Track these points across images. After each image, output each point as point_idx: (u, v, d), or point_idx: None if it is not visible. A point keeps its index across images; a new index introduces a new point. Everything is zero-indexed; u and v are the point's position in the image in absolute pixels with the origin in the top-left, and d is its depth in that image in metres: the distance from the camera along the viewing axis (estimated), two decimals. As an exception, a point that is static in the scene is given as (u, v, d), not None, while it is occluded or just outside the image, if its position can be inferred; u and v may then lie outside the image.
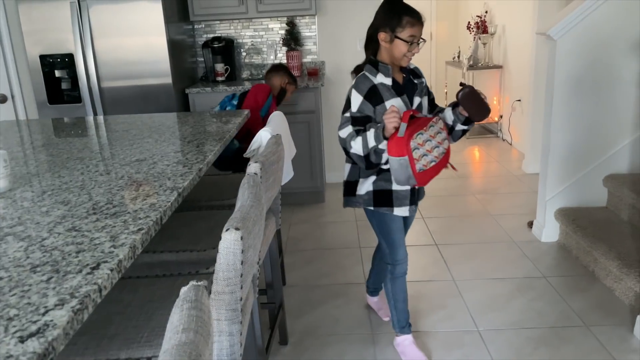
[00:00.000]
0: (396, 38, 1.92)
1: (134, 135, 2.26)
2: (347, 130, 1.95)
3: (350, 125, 1.96)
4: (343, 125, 1.98)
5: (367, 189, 2.07)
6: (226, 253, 1.17)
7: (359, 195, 2.10)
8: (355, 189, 2.11)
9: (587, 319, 2.45)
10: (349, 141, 1.94)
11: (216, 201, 2.28)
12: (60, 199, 1.44)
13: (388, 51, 1.96)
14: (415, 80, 2.06)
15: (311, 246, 3.38)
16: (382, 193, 2.06)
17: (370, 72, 1.99)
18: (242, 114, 2.66)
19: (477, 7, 6.27)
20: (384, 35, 1.94)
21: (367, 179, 2.07)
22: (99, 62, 3.60)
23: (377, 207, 2.08)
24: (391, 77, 1.99)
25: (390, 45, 1.94)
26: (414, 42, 1.93)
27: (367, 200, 2.08)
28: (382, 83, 1.97)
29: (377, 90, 1.96)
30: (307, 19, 4.26)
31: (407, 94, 2.02)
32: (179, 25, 3.91)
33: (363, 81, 1.97)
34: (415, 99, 2.05)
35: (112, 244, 1.11)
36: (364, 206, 2.11)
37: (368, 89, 1.95)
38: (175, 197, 1.42)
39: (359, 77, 2.00)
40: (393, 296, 2.23)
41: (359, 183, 2.09)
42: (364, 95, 1.95)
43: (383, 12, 1.97)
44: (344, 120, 1.98)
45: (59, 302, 0.90)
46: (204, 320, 0.81)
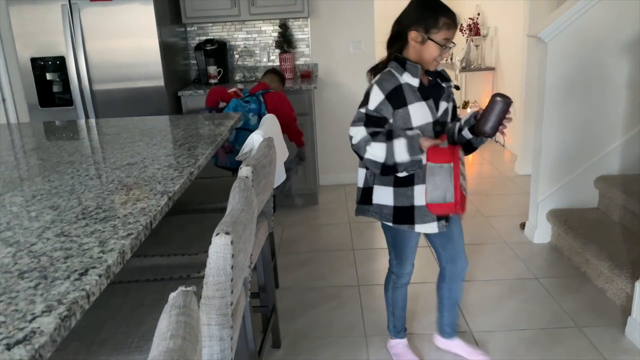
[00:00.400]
0: (429, 40, 1.75)
1: (125, 138, 2.25)
2: (360, 132, 1.79)
3: (363, 125, 1.79)
4: (356, 122, 1.81)
5: (387, 203, 1.90)
6: (216, 257, 1.16)
7: (376, 205, 1.92)
8: (371, 197, 1.94)
9: (579, 320, 2.46)
10: (363, 146, 1.78)
11: (208, 204, 2.28)
12: (49, 203, 1.43)
13: (417, 52, 1.79)
14: (443, 83, 1.89)
15: (305, 249, 3.38)
16: (404, 210, 1.88)
17: (396, 70, 1.80)
18: (234, 117, 2.66)
19: (469, 9, 6.29)
20: (415, 34, 1.77)
21: (385, 188, 1.89)
22: (91, 64, 3.58)
23: (397, 225, 1.92)
24: (419, 78, 1.80)
25: (421, 47, 1.77)
26: (447, 45, 1.77)
27: (387, 216, 1.92)
28: (408, 83, 1.80)
29: (401, 91, 1.78)
30: (300, 22, 4.27)
31: (433, 97, 1.84)
32: (172, 28, 3.90)
33: (389, 78, 1.79)
34: (441, 104, 1.87)
35: (101, 250, 1.11)
36: (382, 220, 1.95)
37: (392, 89, 1.78)
38: (165, 201, 1.41)
39: (384, 73, 1.81)
40: (393, 303, 2.19)
41: (374, 190, 1.93)
42: (387, 94, 1.78)
43: (417, 9, 1.79)
44: (358, 117, 1.81)
45: (46, 308, 0.89)
46: (192, 326, 0.81)
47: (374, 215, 1.95)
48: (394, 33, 1.86)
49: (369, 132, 1.78)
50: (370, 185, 1.94)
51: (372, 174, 1.92)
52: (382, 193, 1.91)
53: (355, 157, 1.87)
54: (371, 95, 1.80)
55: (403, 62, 1.80)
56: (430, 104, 1.83)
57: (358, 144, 1.80)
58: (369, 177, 1.94)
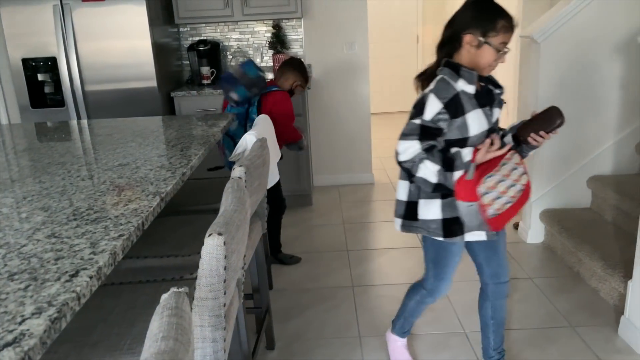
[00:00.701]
0: (486, 44, 1.65)
1: (117, 139, 2.24)
2: (413, 146, 1.67)
3: (418, 138, 1.67)
4: (408, 136, 1.68)
5: (435, 217, 1.78)
6: (209, 259, 1.16)
7: (423, 220, 1.81)
8: (417, 212, 1.82)
9: (572, 320, 2.46)
10: (416, 164, 1.66)
11: (201, 205, 2.27)
12: (40, 204, 1.42)
13: (472, 57, 1.69)
14: (497, 90, 1.79)
15: (299, 250, 3.37)
16: (453, 221, 1.78)
17: (450, 77, 1.69)
18: (227, 117, 2.65)
19: (462, 10, 6.31)
20: (470, 38, 1.67)
21: (431, 201, 1.78)
22: (83, 65, 3.56)
23: (448, 239, 1.80)
24: (475, 85, 1.70)
25: (476, 51, 1.68)
26: (504, 50, 1.67)
27: (435, 230, 1.79)
28: (463, 91, 1.69)
29: (459, 100, 1.68)
30: (294, 22, 4.26)
31: (487, 104, 1.75)
32: (164, 28, 3.88)
33: (445, 87, 1.68)
34: (494, 111, 1.78)
35: (92, 251, 1.10)
36: (432, 236, 1.82)
37: (450, 98, 1.67)
38: (157, 202, 1.40)
39: (439, 82, 1.70)
40: (410, 313, 2.11)
41: (420, 205, 1.81)
42: (445, 103, 1.66)
43: (474, 12, 1.69)
44: (412, 129, 1.68)
45: (36, 310, 0.88)
46: (184, 328, 0.80)
47: (421, 231, 1.84)
48: (445, 36, 1.75)
49: (424, 147, 1.67)
50: (415, 199, 1.82)
51: (416, 187, 1.81)
52: (428, 207, 1.79)
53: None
54: (427, 104, 1.67)
55: (457, 68, 1.69)
56: (486, 111, 1.74)
57: (410, 161, 1.68)
58: (413, 190, 1.83)
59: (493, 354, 2.06)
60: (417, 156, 1.67)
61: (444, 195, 1.75)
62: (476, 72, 1.70)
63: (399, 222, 1.90)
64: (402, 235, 3.51)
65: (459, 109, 1.68)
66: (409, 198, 1.85)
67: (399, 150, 1.71)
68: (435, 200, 1.77)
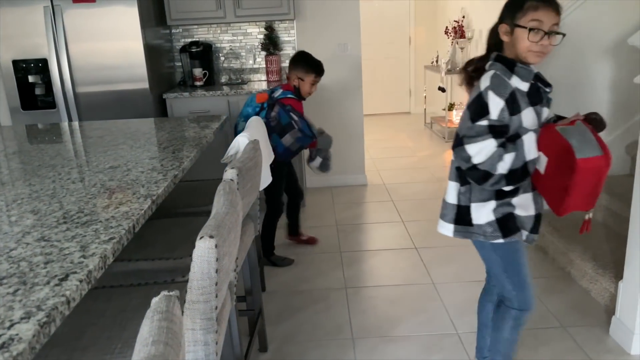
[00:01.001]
0: (516, 27, 1.57)
1: (108, 141, 2.23)
2: (487, 147, 1.58)
3: (492, 137, 1.57)
4: (476, 138, 1.59)
5: (488, 219, 1.69)
6: (200, 261, 1.15)
7: (479, 225, 1.71)
8: (470, 217, 1.72)
9: (564, 320, 2.48)
10: (496, 163, 1.57)
11: (193, 207, 2.26)
12: (29, 208, 1.41)
13: (511, 47, 1.63)
14: (547, 88, 1.69)
15: (291, 251, 3.36)
16: (507, 218, 1.69)
17: (503, 73, 1.61)
18: (219, 119, 2.64)
19: (454, 12, 6.34)
20: (504, 27, 1.62)
21: (484, 204, 1.69)
22: (74, 67, 3.54)
23: (508, 237, 1.70)
24: (530, 82, 1.62)
25: (510, 38, 1.61)
26: (540, 29, 1.55)
27: (493, 233, 1.70)
28: (517, 88, 1.61)
29: (515, 97, 1.60)
30: (286, 24, 4.26)
31: (537, 103, 1.66)
32: (156, 30, 3.87)
33: (502, 83, 1.60)
34: (543, 110, 1.69)
35: (82, 254, 1.09)
36: (490, 240, 1.72)
37: (509, 94, 1.59)
38: (149, 204, 1.39)
39: (494, 78, 1.61)
40: (507, 344, 1.90)
41: (472, 210, 1.71)
42: (505, 99, 1.58)
43: (506, 3, 1.65)
44: (478, 131, 1.58)
45: (25, 315, 0.87)
46: (174, 332, 0.80)
47: (478, 237, 1.74)
48: (491, 32, 1.71)
49: (499, 143, 1.58)
50: (465, 203, 1.73)
51: (467, 190, 1.72)
52: (481, 211, 1.71)
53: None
54: (490, 103, 1.58)
55: (511, 64, 1.62)
56: (537, 110, 1.66)
57: (490, 161, 1.58)
58: (462, 193, 1.74)
59: (488, 354, 2.04)
60: (496, 154, 1.57)
61: (499, 196, 1.67)
62: (532, 69, 1.62)
63: (450, 228, 1.78)
64: (394, 236, 3.52)
65: (516, 107, 1.60)
66: (458, 202, 1.75)
67: (470, 154, 1.60)
68: (488, 202, 1.69)
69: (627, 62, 3.04)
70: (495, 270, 1.83)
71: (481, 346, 2.05)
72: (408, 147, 5.94)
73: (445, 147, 5.80)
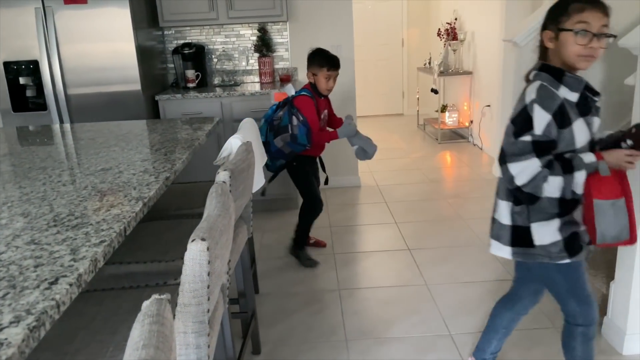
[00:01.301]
0: (561, 30, 1.49)
1: (100, 143, 2.21)
2: (531, 166, 1.49)
3: (535, 155, 1.49)
4: (519, 156, 1.50)
5: (554, 239, 1.59)
6: (192, 264, 1.14)
7: (541, 246, 1.61)
8: (531, 238, 1.62)
9: (557, 321, 2.49)
10: (540, 185, 1.49)
11: (185, 210, 2.25)
12: (20, 210, 1.39)
13: (557, 54, 1.53)
14: (595, 97, 1.59)
15: (285, 253, 3.36)
16: (573, 237, 1.59)
17: (550, 84, 1.52)
18: (212, 120, 2.63)
19: (446, 14, 6.37)
20: (548, 34, 1.53)
21: (547, 223, 1.59)
22: (65, 68, 3.52)
23: (574, 257, 1.61)
24: (579, 92, 1.53)
25: (556, 44, 1.52)
26: (588, 31, 1.45)
27: (559, 253, 1.60)
28: (566, 99, 1.51)
29: (564, 109, 1.50)
30: (279, 25, 4.26)
31: (587, 113, 1.57)
32: (148, 31, 3.85)
33: (551, 95, 1.50)
34: (594, 120, 1.59)
35: (73, 257, 1.08)
36: (554, 261, 1.62)
37: (558, 106, 1.49)
38: (140, 207, 1.39)
39: (541, 90, 1.51)
40: None
41: (533, 230, 1.61)
42: (553, 113, 1.48)
43: (549, 9, 1.57)
44: (520, 149, 1.50)
45: (14, 319, 0.86)
46: (165, 335, 0.79)
47: (541, 259, 1.63)
48: (539, 45, 1.61)
49: (543, 163, 1.49)
50: (523, 223, 1.63)
51: (524, 209, 1.62)
52: (545, 230, 1.60)
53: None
54: (535, 117, 1.49)
55: (559, 73, 1.53)
56: (588, 120, 1.56)
57: (533, 182, 1.50)
58: (517, 213, 1.64)
59: (490, 357, 2.04)
60: (540, 175, 1.48)
61: (560, 213, 1.58)
62: (583, 78, 1.54)
63: (507, 251, 1.69)
64: (388, 238, 3.52)
65: (565, 119, 1.50)
66: (513, 222, 1.65)
67: (513, 174, 1.52)
68: (552, 221, 1.58)
69: (619, 64, 3.06)
70: (558, 290, 1.72)
71: (483, 348, 2.04)
72: (401, 148, 5.95)
73: (438, 148, 5.82)
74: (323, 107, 3.09)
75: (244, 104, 3.79)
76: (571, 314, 1.73)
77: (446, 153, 5.68)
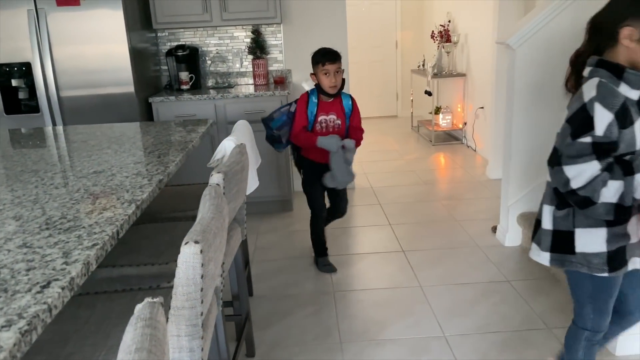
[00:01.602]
0: None
1: (92, 146, 2.20)
2: (590, 169, 1.40)
3: (595, 158, 1.39)
4: (576, 158, 1.41)
5: (598, 249, 1.51)
6: (185, 267, 1.14)
7: (583, 254, 1.53)
8: (573, 244, 1.55)
9: (549, 322, 2.50)
10: (599, 189, 1.39)
11: (179, 212, 2.24)
12: (11, 214, 1.39)
13: (632, 53, 1.43)
14: None
15: (279, 256, 3.36)
16: (619, 251, 1.52)
17: (609, 80, 1.43)
18: (206, 123, 2.63)
19: (440, 16, 6.39)
20: (630, 31, 1.40)
21: (594, 230, 1.51)
22: (58, 70, 3.50)
23: (614, 272, 1.54)
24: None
25: (637, 46, 1.41)
26: None
27: (598, 265, 1.52)
28: (627, 97, 1.43)
29: (627, 108, 1.41)
30: (273, 27, 4.26)
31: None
32: (142, 33, 3.84)
33: (611, 92, 1.41)
34: None
35: (65, 261, 1.07)
36: (592, 272, 1.55)
37: (620, 105, 1.40)
38: (133, 210, 1.38)
39: (601, 87, 1.42)
40: None
41: (577, 235, 1.53)
42: (615, 112, 1.39)
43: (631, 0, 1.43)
44: (580, 150, 1.41)
45: (5, 323, 0.86)
46: (158, 339, 0.79)
47: (579, 267, 1.56)
48: (595, 26, 1.51)
49: (603, 166, 1.40)
50: (567, 228, 1.55)
51: (569, 214, 1.54)
52: (590, 238, 1.52)
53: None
54: (596, 116, 1.39)
55: (619, 69, 1.43)
56: None
57: (591, 186, 1.40)
58: (561, 217, 1.57)
59: None
60: (598, 179, 1.39)
61: (613, 222, 1.48)
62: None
63: (546, 257, 1.63)
64: (382, 239, 3.53)
65: (628, 118, 1.41)
66: (556, 226, 1.58)
67: (568, 177, 1.43)
68: (599, 229, 1.50)
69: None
70: (580, 294, 1.67)
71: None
72: (395, 150, 5.96)
73: (432, 150, 5.83)
74: (328, 109, 2.90)
75: (238, 106, 3.79)
76: (582, 318, 1.69)
77: (440, 155, 5.69)
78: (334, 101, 2.93)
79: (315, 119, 2.92)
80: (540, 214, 1.65)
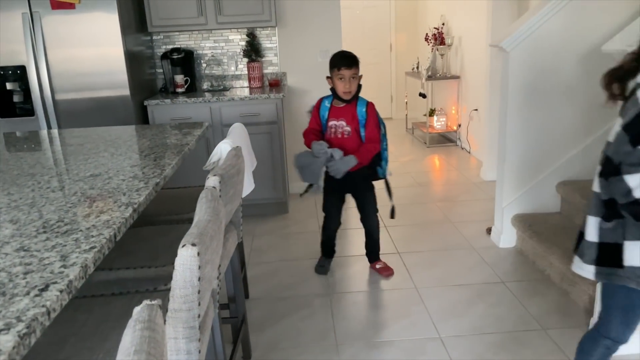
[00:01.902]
0: None
1: (88, 149, 2.21)
2: None
3: None
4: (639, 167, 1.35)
5: None
6: (182, 270, 1.15)
7: (632, 268, 1.47)
8: (621, 258, 1.49)
9: (544, 323, 2.51)
10: None
11: (175, 215, 2.25)
12: (8, 217, 1.39)
13: None
14: None
15: (275, 258, 3.36)
16: None
17: None
18: (202, 125, 2.63)
19: (434, 19, 6.42)
20: None
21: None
22: (53, 73, 3.50)
23: None
24: None
25: None
26: None
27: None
28: None
29: None
30: (268, 31, 4.27)
31: None
32: (137, 36, 3.85)
33: None
34: None
35: (63, 264, 1.08)
36: (637, 286, 1.50)
37: None
38: (130, 213, 1.39)
39: None
40: None
41: (627, 249, 1.47)
42: None
43: None
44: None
45: (4, 326, 0.86)
46: (157, 341, 0.80)
47: (626, 282, 1.50)
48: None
49: None
50: (616, 240, 1.50)
51: (618, 225, 1.49)
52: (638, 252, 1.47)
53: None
54: None
55: None
56: None
57: None
58: (611, 229, 1.51)
59: None
60: None
61: None
62: None
63: (590, 270, 1.57)
64: (377, 241, 3.53)
65: None
66: (601, 239, 1.52)
67: (631, 186, 1.37)
68: None
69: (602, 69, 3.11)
70: (612, 304, 1.62)
71: None
72: (390, 152, 5.95)
73: (427, 152, 5.86)
74: (339, 115, 2.84)
75: (233, 108, 3.80)
76: (608, 328, 1.65)
77: (435, 157, 5.72)
78: (347, 107, 2.84)
79: (327, 123, 2.88)
80: (584, 225, 1.59)
